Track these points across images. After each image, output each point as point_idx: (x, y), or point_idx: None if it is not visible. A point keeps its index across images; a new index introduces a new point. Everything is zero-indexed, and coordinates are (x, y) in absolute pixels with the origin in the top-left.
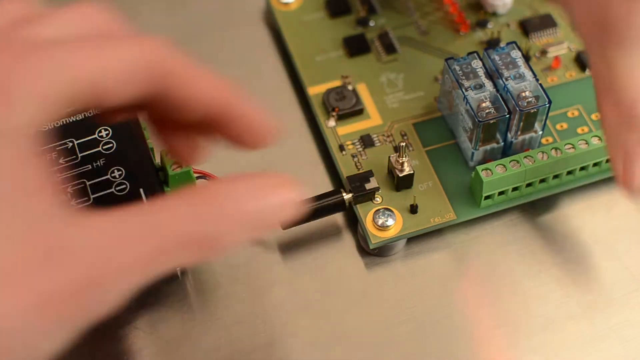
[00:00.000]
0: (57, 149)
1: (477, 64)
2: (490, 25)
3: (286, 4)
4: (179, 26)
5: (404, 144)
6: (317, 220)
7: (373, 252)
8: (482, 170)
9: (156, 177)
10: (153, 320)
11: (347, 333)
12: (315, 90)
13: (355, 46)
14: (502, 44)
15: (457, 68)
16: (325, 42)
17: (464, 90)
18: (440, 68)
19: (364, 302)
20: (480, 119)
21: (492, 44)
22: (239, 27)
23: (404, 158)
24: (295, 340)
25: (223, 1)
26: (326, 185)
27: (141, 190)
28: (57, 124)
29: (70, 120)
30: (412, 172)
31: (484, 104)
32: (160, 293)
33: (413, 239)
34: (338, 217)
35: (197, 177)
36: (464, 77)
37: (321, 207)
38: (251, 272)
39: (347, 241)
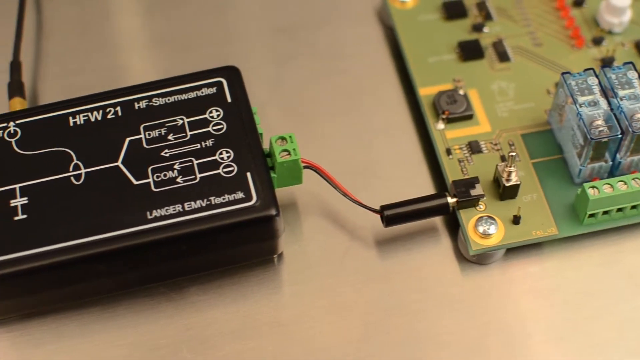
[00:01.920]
0: (167, 124)
1: (592, 80)
2: (605, 43)
3: (403, 2)
4: (292, 15)
5: (513, 153)
6: (417, 221)
7: (471, 259)
8: (589, 187)
9: (264, 162)
10: (246, 305)
11: (438, 336)
12: (426, 92)
13: (470, 51)
14: (615, 63)
15: (573, 83)
16: (439, 44)
17: (578, 106)
18: (552, 81)
19: (457, 307)
20: (593, 137)
21: (605, 62)
22: (352, 21)
23: (512, 168)
24: (387, 337)
25: None
26: (428, 187)
27: (248, 174)
28: (168, 100)
29: (182, 98)
30: (518, 182)
31: (597, 122)
32: (256, 278)
33: (512, 250)
34: (437, 221)
35: (304, 167)
36: (579, 93)
37: (424, 208)
38: (347, 266)
39: (445, 245)
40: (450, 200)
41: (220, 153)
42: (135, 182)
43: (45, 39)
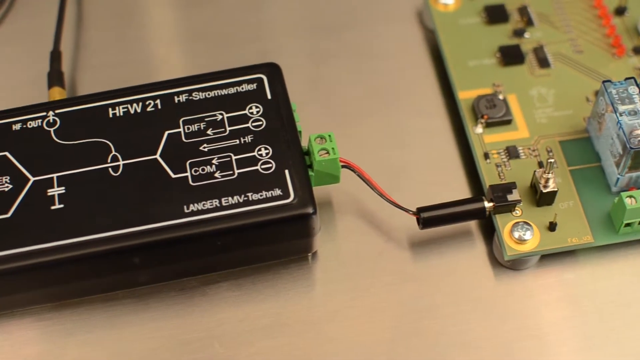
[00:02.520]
0: (207, 119)
1: (633, 90)
2: None
3: (445, 5)
4: (332, 14)
5: (552, 160)
6: (452, 225)
7: (505, 264)
8: (627, 197)
9: (302, 160)
10: (279, 302)
11: (470, 340)
12: (465, 95)
13: (510, 56)
14: None
15: (614, 92)
16: (480, 48)
17: (618, 114)
18: (591, 88)
19: (490, 312)
20: (632, 146)
21: None
22: (393, 22)
23: (549, 174)
24: (417, 339)
25: None
26: (464, 191)
27: (286, 171)
28: (208, 94)
29: (223, 93)
30: (556, 189)
31: (636, 131)
32: (290, 275)
33: (546, 256)
34: (472, 225)
35: (342, 166)
36: (619, 102)
37: (461, 212)
38: (381, 267)
39: (479, 249)
40: (487, 204)
41: (259, 149)
42: (173, 176)
43: (85, 29)
